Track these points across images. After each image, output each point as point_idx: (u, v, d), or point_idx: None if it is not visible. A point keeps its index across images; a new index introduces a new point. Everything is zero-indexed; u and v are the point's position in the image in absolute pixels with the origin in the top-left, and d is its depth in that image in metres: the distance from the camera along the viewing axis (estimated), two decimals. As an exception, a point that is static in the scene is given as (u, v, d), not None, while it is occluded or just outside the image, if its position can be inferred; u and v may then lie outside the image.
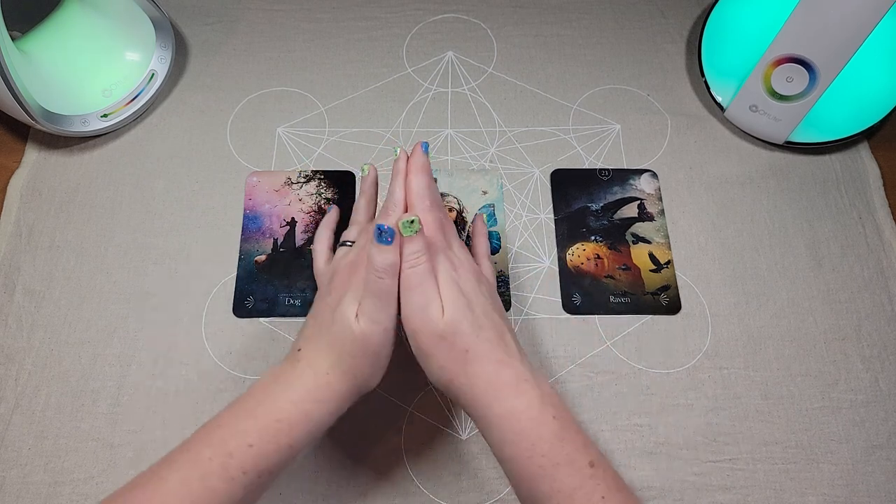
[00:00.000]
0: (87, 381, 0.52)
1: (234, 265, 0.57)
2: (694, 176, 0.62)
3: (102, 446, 0.50)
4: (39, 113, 0.56)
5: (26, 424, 0.50)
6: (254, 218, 0.59)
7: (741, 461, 0.50)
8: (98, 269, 0.56)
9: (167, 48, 0.64)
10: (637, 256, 0.58)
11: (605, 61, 0.68)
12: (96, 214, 0.59)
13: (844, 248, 0.59)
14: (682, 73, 0.67)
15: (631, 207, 0.60)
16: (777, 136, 0.62)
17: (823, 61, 0.56)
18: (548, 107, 0.65)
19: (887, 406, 0.52)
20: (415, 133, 0.63)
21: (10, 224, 0.58)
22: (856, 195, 0.61)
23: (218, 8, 0.70)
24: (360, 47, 0.68)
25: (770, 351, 0.54)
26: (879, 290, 0.57)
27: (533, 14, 0.71)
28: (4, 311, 0.54)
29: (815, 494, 0.49)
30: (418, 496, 0.49)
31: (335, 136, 0.63)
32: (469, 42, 0.69)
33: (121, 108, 0.62)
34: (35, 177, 0.60)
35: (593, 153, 0.63)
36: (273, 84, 0.66)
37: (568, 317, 0.55)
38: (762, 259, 0.58)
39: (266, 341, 0.54)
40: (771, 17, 0.58)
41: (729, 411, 0.52)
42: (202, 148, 0.62)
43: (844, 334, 0.55)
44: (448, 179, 0.61)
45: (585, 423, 0.51)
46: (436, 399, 0.52)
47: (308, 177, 0.61)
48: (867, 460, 0.50)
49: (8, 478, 0.49)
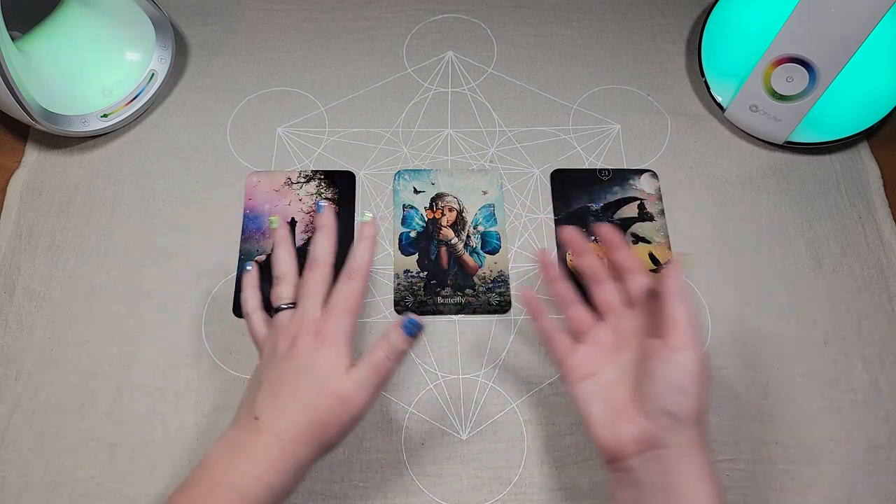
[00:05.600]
0: (87, 381, 0.52)
1: (234, 265, 0.57)
2: (694, 176, 0.62)
3: (102, 446, 0.50)
4: (39, 113, 0.56)
5: (26, 424, 0.50)
6: (254, 218, 0.59)
7: (741, 461, 0.50)
8: (98, 269, 0.56)
9: (167, 48, 0.64)
10: (637, 256, 0.58)
11: (605, 61, 0.68)
12: (96, 214, 0.59)
13: (844, 248, 0.59)
14: (682, 73, 0.67)
15: (631, 207, 0.60)
16: (777, 136, 0.62)
17: (823, 61, 0.56)
18: (548, 107, 0.65)
19: (887, 406, 0.52)
20: (415, 133, 0.63)
21: (10, 224, 0.58)
22: (856, 195, 0.61)
23: (218, 8, 0.70)
24: (360, 47, 0.68)
25: (770, 351, 0.54)
26: (879, 290, 0.57)
27: (533, 14, 0.71)
28: (4, 311, 0.54)
29: (815, 494, 0.49)
30: (418, 496, 0.49)
31: (335, 136, 0.63)
32: (469, 42, 0.69)
33: (121, 108, 0.62)
34: (35, 177, 0.60)
35: (593, 153, 0.63)
36: (273, 84, 0.66)
37: (568, 317, 0.55)
38: (762, 259, 0.58)
39: (266, 341, 0.54)
40: (771, 17, 0.58)
41: (729, 411, 0.52)
42: (202, 148, 0.62)
43: (844, 334, 0.55)
44: (448, 179, 0.61)
45: (585, 423, 0.51)
46: (436, 399, 0.52)
47: (308, 177, 0.61)
48: (867, 460, 0.50)
49: (8, 478, 0.49)
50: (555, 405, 0.52)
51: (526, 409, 0.52)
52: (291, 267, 0.47)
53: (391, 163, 0.62)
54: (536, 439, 0.51)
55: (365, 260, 0.44)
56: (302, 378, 0.40)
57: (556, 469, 0.50)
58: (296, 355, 0.41)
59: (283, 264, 0.47)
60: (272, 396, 0.40)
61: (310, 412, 0.39)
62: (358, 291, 0.43)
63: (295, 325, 0.42)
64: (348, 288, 0.43)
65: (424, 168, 0.62)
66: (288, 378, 0.40)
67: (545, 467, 0.50)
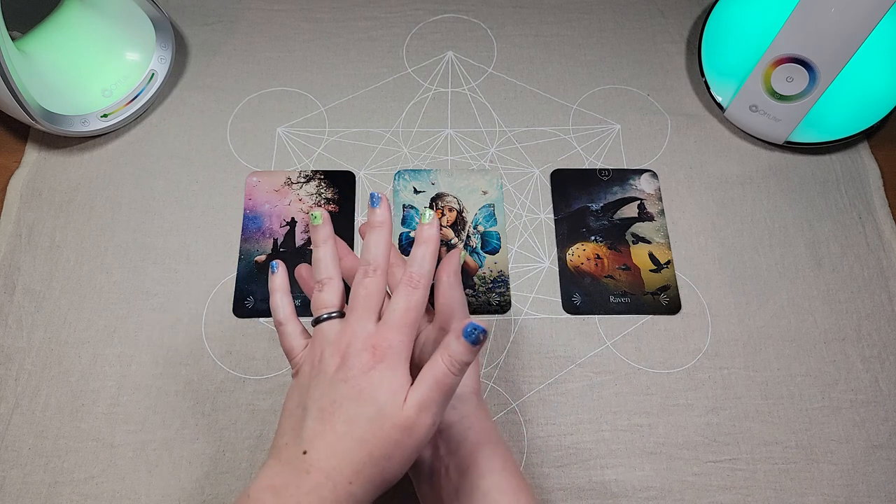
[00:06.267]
0: (87, 381, 0.52)
1: (234, 265, 0.57)
2: (694, 176, 0.62)
3: (102, 446, 0.50)
4: (39, 113, 0.56)
5: (26, 424, 0.50)
6: (254, 218, 0.59)
7: (741, 461, 0.50)
8: (98, 268, 0.56)
9: (167, 48, 0.64)
10: (637, 256, 0.58)
11: (605, 61, 0.68)
12: (96, 214, 0.59)
13: (844, 248, 0.59)
14: (682, 73, 0.67)
15: (631, 207, 0.60)
16: (777, 136, 0.62)
17: (823, 61, 0.56)
18: (548, 107, 0.65)
19: (887, 406, 0.52)
20: (415, 133, 0.63)
21: (10, 224, 0.58)
22: (856, 195, 0.61)
23: (218, 8, 0.70)
24: (360, 47, 0.68)
25: (770, 351, 0.54)
26: (879, 290, 0.57)
27: (533, 14, 0.71)
28: (4, 311, 0.54)
29: (815, 494, 0.49)
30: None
31: (335, 136, 0.63)
32: (469, 42, 0.69)
33: (121, 108, 0.62)
34: (35, 177, 0.60)
35: (593, 153, 0.63)
36: (273, 84, 0.66)
37: (568, 317, 0.55)
38: (762, 259, 0.58)
39: (266, 341, 0.54)
40: (771, 17, 0.58)
41: (729, 411, 0.52)
42: (202, 148, 0.62)
43: (844, 334, 0.55)
44: (448, 179, 0.61)
45: (585, 422, 0.51)
46: (436, 399, 0.52)
47: (308, 177, 0.61)
48: (867, 460, 0.50)
49: (8, 478, 0.49)
50: (555, 405, 0.52)
51: (526, 409, 0.52)
52: (336, 271, 0.40)
53: (391, 163, 0.62)
54: (536, 439, 0.51)
55: (428, 267, 0.39)
56: (359, 405, 0.34)
57: (556, 469, 0.50)
58: (349, 377, 0.35)
59: (327, 267, 0.40)
60: (322, 425, 0.34)
61: (369, 446, 0.33)
62: (420, 303, 0.37)
63: (345, 338, 0.37)
64: (409, 298, 0.37)
65: (424, 168, 0.62)
66: (341, 404, 0.34)
67: (545, 467, 0.50)
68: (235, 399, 0.52)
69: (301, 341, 0.40)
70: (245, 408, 0.51)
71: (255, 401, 0.52)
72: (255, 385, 0.52)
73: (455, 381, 0.35)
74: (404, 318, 0.37)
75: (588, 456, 0.50)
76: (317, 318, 0.39)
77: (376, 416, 0.34)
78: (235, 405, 0.51)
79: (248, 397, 0.52)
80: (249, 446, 0.50)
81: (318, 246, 0.41)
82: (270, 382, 0.52)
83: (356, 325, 0.37)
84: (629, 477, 0.50)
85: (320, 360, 0.37)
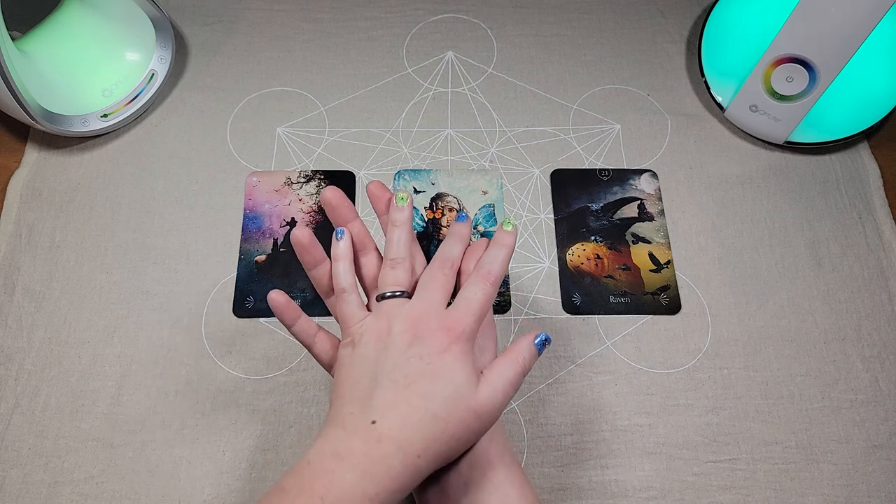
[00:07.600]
0: (87, 381, 0.52)
1: (234, 265, 0.57)
2: (694, 176, 0.62)
3: (102, 446, 0.50)
4: (39, 113, 0.56)
5: (26, 424, 0.50)
6: (254, 218, 0.59)
7: (741, 461, 0.50)
8: (98, 268, 0.56)
9: (167, 48, 0.64)
10: (637, 256, 0.58)
11: (605, 61, 0.68)
12: (96, 214, 0.59)
13: (844, 248, 0.59)
14: (682, 73, 0.67)
15: (631, 207, 0.60)
16: (777, 136, 0.62)
17: (823, 61, 0.56)
18: (548, 107, 0.65)
19: (887, 406, 0.52)
20: (415, 133, 0.63)
21: (10, 224, 0.58)
22: (856, 195, 0.61)
23: (218, 8, 0.70)
24: (360, 47, 0.68)
25: (770, 351, 0.54)
26: (879, 290, 0.57)
27: (533, 14, 0.71)
28: (4, 311, 0.54)
29: (815, 494, 0.49)
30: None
31: (335, 136, 0.63)
32: (469, 42, 0.69)
33: (121, 108, 0.62)
34: (35, 177, 0.60)
35: (593, 153, 0.63)
36: (273, 84, 0.66)
37: (568, 317, 0.55)
38: (762, 259, 0.58)
39: (266, 341, 0.54)
40: (771, 17, 0.58)
41: (729, 411, 0.52)
42: (202, 148, 0.62)
43: (844, 334, 0.55)
44: (448, 179, 0.61)
45: (585, 422, 0.51)
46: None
47: (308, 177, 0.61)
48: (867, 460, 0.50)
49: (8, 478, 0.49)
50: (555, 405, 0.52)
51: (526, 409, 0.52)
52: (409, 253, 0.41)
53: (391, 163, 0.62)
54: (536, 439, 0.51)
55: (503, 269, 0.40)
56: (434, 383, 0.34)
57: (556, 469, 0.50)
58: (424, 354, 0.35)
59: (401, 248, 0.40)
60: (396, 396, 0.34)
61: (442, 423, 0.33)
62: (489, 297, 0.38)
63: (417, 315, 0.37)
64: (480, 290, 0.38)
65: (424, 168, 0.62)
66: (416, 379, 0.34)
67: (545, 467, 0.50)
68: (235, 399, 0.52)
69: (360, 312, 0.39)
70: (245, 408, 0.51)
71: (255, 401, 0.52)
72: (255, 385, 0.52)
73: (520, 384, 0.37)
74: (480, 309, 0.38)
75: (588, 456, 0.50)
76: (382, 294, 0.39)
77: (453, 395, 0.34)
78: (235, 405, 0.51)
79: (248, 397, 0.52)
80: (249, 446, 0.50)
81: (397, 226, 0.41)
82: (270, 382, 0.52)
83: (430, 305, 0.38)
84: (629, 477, 0.50)
85: (388, 334, 0.37)
